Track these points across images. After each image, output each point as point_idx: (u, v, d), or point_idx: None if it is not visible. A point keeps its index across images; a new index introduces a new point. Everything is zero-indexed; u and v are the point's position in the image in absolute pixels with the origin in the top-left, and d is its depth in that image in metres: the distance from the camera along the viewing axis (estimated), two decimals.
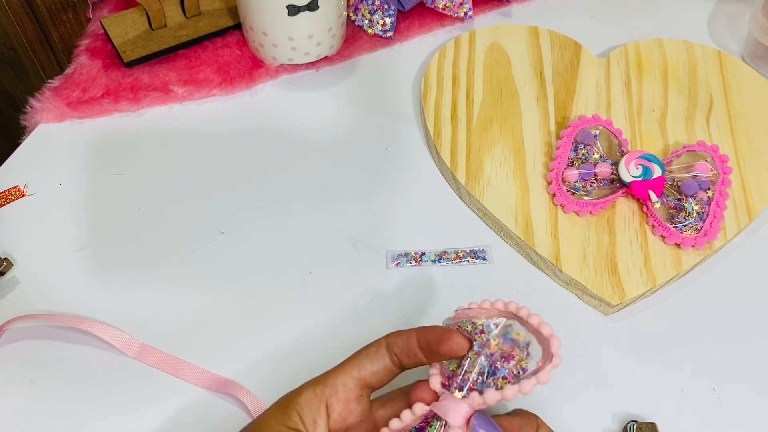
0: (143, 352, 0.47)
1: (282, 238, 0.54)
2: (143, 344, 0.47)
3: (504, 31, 0.65)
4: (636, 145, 0.58)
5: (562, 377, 0.47)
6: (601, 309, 0.50)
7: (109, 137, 0.60)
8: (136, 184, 0.57)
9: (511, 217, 0.53)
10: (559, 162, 0.55)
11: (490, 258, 0.53)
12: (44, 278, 0.51)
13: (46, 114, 0.60)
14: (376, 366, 0.37)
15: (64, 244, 0.53)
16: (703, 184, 0.53)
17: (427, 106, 0.60)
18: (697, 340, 0.49)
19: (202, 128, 0.60)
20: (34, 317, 0.48)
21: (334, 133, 0.60)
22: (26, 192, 0.55)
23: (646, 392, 0.46)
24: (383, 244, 0.53)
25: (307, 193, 0.56)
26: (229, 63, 0.63)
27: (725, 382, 0.47)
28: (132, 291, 0.51)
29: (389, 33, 0.66)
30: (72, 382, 0.46)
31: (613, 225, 0.53)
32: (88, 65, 0.63)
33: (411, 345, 0.37)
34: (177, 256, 0.52)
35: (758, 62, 0.64)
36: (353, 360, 0.37)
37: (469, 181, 0.55)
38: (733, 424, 0.45)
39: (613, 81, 0.62)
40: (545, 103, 0.60)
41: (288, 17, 0.58)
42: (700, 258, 0.51)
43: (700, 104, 0.60)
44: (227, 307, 0.50)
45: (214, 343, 0.48)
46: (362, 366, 0.37)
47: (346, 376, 0.37)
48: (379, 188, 0.57)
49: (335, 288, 0.51)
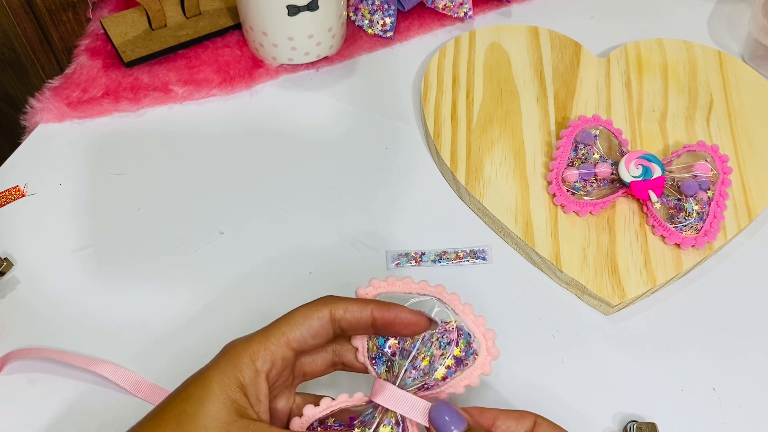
0: (153, 393, 0.45)
1: (282, 238, 0.54)
2: (153, 384, 0.46)
3: (504, 31, 0.65)
4: (636, 145, 0.58)
5: (562, 377, 0.47)
6: (601, 309, 0.50)
7: (109, 137, 0.60)
8: (136, 184, 0.57)
9: (511, 217, 0.53)
10: (559, 162, 0.55)
11: (490, 258, 0.53)
12: (44, 278, 0.51)
13: (46, 114, 0.60)
14: (316, 339, 0.36)
15: (64, 244, 0.53)
16: (703, 184, 0.53)
17: (427, 106, 0.60)
18: (697, 340, 0.49)
19: (202, 128, 0.60)
20: (41, 353, 0.47)
21: (334, 133, 0.60)
22: (26, 192, 0.55)
23: (646, 392, 0.46)
24: (383, 244, 0.53)
25: (307, 193, 0.56)
26: (229, 63, 0.63)
27: (725, 382, 0.47)
28: (132, 291, 0.51)
29: (389, 33, 0.66)
30: (72, 382, 0.46)
31: (613, 225, 0.53)
32: (88, 65, 0.63)
33: (364, 320, 0.36)
34: (177, 256, 0.52)
35: (758, 62, 0.64)
36: (293, 330, 0.36)
37: (469, 181, 0.55)
38: (733, 424, 0.45)
39: (613, 81, 0.62)
40: (545, 103, 0.60)
41: (288, 17, 0.58)
42: (700, 258, 0.51)
43: (700, 104, 0.60)
44: (227, 306, 0.50)
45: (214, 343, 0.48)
46: (303, 340, 0.36)
47: (287, 348, 0.36)
48: (379, 188, 0.57)
49: (335, 288, 0.51)
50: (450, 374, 0.38)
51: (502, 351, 0.48)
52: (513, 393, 0.46)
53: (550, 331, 0.49)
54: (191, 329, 0.49)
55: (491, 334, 0.39)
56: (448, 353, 0.38)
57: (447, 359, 0.38)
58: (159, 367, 0.47)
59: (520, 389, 0.46)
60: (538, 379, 0.47)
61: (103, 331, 0.49)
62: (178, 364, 0.47)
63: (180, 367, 0.47)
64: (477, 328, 0.39)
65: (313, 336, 0.36)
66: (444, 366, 0.38)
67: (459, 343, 0.38)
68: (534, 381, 0.47)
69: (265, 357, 0.35)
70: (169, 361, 0.47)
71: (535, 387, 0.46)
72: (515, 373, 0.47)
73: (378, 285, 0.40)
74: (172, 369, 0.47)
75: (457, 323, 0.39)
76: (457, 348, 0.38)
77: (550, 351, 0.48)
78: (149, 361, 0.47)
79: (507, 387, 0.46)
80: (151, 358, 0.47)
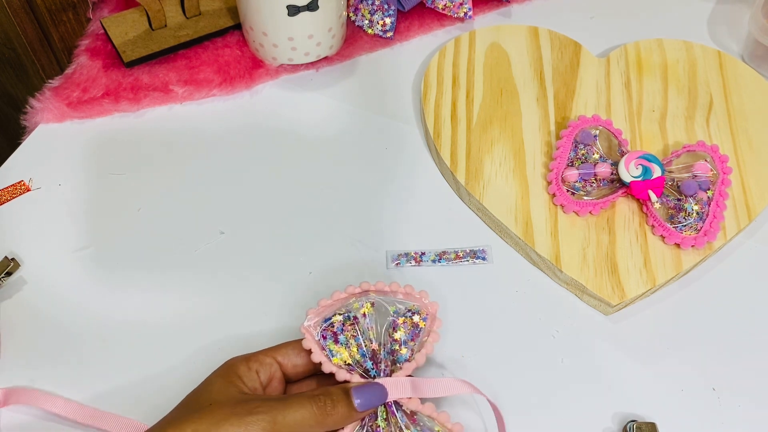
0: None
1: (282, 238, 0.54)
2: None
3: (504, 31, 0.65)
4: (636, 145, 0.58)
5: (562, 377, 0.47)
6: (601, 309, 0.50)
7: (109, 137, 0.60)
8: (136, 184, 0.57)
9: (511, 217, 0.53)
10: (559, 162, 0.55)
11: (490, 258, 0.53)
12: (44, 278, 0.51)
13: (46, 114, 0.60)
14: (298, 359, 0.42)
15: (64, 244, 0.53)
16: (702, 184, 0.53)
17: (427, 106, 0.60)
18: (697, 340, 0.49)
19: (202, 128, 0.60)
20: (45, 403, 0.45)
21: (334, 134, 0.60)
22: (31, 186, 0.55)
23: (646, 392, 0.46)
24: (383, 244, 0.53)
25: (306, 192, 0.56)
26: (229, 63, 0.63)
27: (725, 382, 0.47)
28: (131, 291, 0.51)
29: (389, 33, 0.66)
30: (72, 382, 0.46)
31: (613, 225, 0.53)
32: (88, 65, 0.63)
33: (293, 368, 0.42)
34: (177, 256, 0.52)
35: (758, 62, 0.64)
36: (282, 347, 0.42)
37: (469, 181, 0.55)
38: (733, 424, 0.45)
39: (613, 81, 0.62)
40: (545, 103, 0.60)
41: (288, 17, 0.58)
42: (699, 258, 0.51)
43: (700, 104, 0.60)
44: (227, 306, 0.50)
45: (214, 343, 0.48)
46: (287, 356, 0.42)
47: (272, 359, 0.42)
48: (379, 188, 0.57)
49: (335, 288, 0.51)
50: (407, 347, 0.42)
51: (502, 351, 0.48)
52: (513, 393, 0.46)
53: (550, 331, 0.49)
54: (191, 329, 0.49)
55: (423, 294, 0.44)
56: (400, 331, 0.42)
57: (401, 336, 0.42)
58: (159, 367, 0.47)
59: (519, 389, 0.46)
60: (538, 379, 0.47)
61: (104, 331, 0.49)
62: (179, 362, 0.47)
63: (180, 366, 0.47)
64: (410, 298, 0.44)
65: (297, 354, 0.42)
66: (402, 345, 0.42)
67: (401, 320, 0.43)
68: (534, 381, 0.47)
69: (256, 359, 0.41)
70: (169, 361, 0.47)
71: (535, 387, 0.46)
72: (515, 373, 0.47)
73: (315, 312, 0.43)
74: (172, 367, 0.47)
75: (375, 303, 0.43)
76: (402, 324, 0.42)
77: (550, 351, 0.48)
78: (149, 361, 0.47)
79: (507, 387, 0.46)
80: (151, 358, 0.47)
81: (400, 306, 0.43)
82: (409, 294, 0.43)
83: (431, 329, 0.43)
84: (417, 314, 0.43)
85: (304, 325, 0.42)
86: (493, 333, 0.49)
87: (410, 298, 0.44)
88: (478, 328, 0.49)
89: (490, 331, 0.49)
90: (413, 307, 0.43)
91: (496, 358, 0.48)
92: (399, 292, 0.43)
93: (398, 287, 0.43)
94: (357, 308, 0.43)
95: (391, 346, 0.42)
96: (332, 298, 0.43)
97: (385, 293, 0.44)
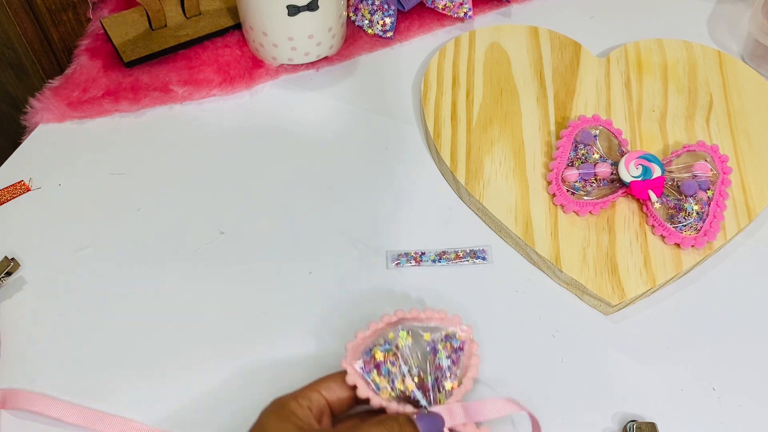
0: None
1: (282, 238, 0.54)
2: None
3: (504, 31, 0.65)
4: (636, 145, 0.58)
5: (562, 377, 0.47)
6: (601, 309, 0.50)
7: (109, 137, 0.60)
8: (136, 184, 0.57)
9: (511, 217, 0.53)
10: (559, 162, 0.55)
11: (490, 258, 0.53)
12: (44, 278, 0.51)
13: (46, 114, 0.60)
14: (342, 392, 0.41)
15: (64, 244, 0.53)
16: (702, 184, 0.53)
17: (427, 106, 0.60)
18: (697, 340, 0.49)
19: (202, 128, 0.60)
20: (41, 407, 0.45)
21: (334, 134, 0.60)
22: (31, 186, 0.55)
23: (646, 392, 0.46)
24: (383, 244, 0.53)
25: (306, 193, 0.56)
26: (229, 63, 0.63)
27: (725, 382, 0.47)
28: (131, 291, 0.51)
29: (389, 33, 0.66)
30: (72, 383, 0.46)
31: (613, 225, 0.53)
32: (88, 65, 0.63)
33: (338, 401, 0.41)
34: (177, 255, 0.52)
35: (758, 62, 0.64)
36: (324, 381, 0.41)
37: (469, 180, 0.55)
38: (733, 424, 0.45)
39: (613, 81, 0.62)
40: (545, 103, 0.60)
41: (288, 17, 0.58)
42: (699, 258, 0.51)
43: (700, 104, 0.60)
44: (227, 306, 0.50)
45: (214, 343, 0.48)
46: (331, 389, 0.41)
47: (319, 394, 0.40)
48: (379, 188, 0.57)
49: (335, 288, 0.51)
50: (451, 372, 0.41)
51: (502, 351, 0.48)
52: (512, 393, 0.46)
53: (550, 331, 0.49)
54: (191, 328, 0.49)
55: (456, 319, 0.43)
56: (442, 358, 0.42)
57: (444, 362, 0.42)
58: (159, 367, 0.47)
59: (519, 389, 0.46)
60: (538, 379, 0.47)
61: (104, 331, 0.49)
62: (179, 362, 0.47)
63: (180, 366, 0.47)
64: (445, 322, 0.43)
65: (340, 386, 0.41)
66: (447, 371, 0.41)
67: (441, 346, 0.42)
68: (534, 381, 0.47)
69: (303, 395, 0.40)
70: (169, 361, 0.47)
71: (535, 387, 0.46)
72: (515, 373, 0.47)
73: (353, 345, 0.42)
74: (172, 367, 0.47)
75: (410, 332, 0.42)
76: (442, 349, 0.42)
77: (550, 351, 0.48)
78: (150, 361, 0.47)
79: (506, 387, 0.46)
80: (151, 358, 0.47)
81: (435, 332, 0.42)
82: (444, 318, 0.43)
83: (472, 352, 0.42)
84: (454, 338, 0.42)
85: (347, 361, 0.41)
86: (493, 333, 0.49)
87: (445, 322, 0.43)
88: (478, 328, 0.49)
89: (490, 331, 0.49)
90: (449, 332, 0.43)
91: (496, 358, 0.48)
92: (433, 318, 0.43)
93: (432, 313, 0.43)
94: (393, 338, 0.42)
95: (435, 373, 0.41)
96: (369, 330, 0.42)
97: (420, 320, 0.43)
